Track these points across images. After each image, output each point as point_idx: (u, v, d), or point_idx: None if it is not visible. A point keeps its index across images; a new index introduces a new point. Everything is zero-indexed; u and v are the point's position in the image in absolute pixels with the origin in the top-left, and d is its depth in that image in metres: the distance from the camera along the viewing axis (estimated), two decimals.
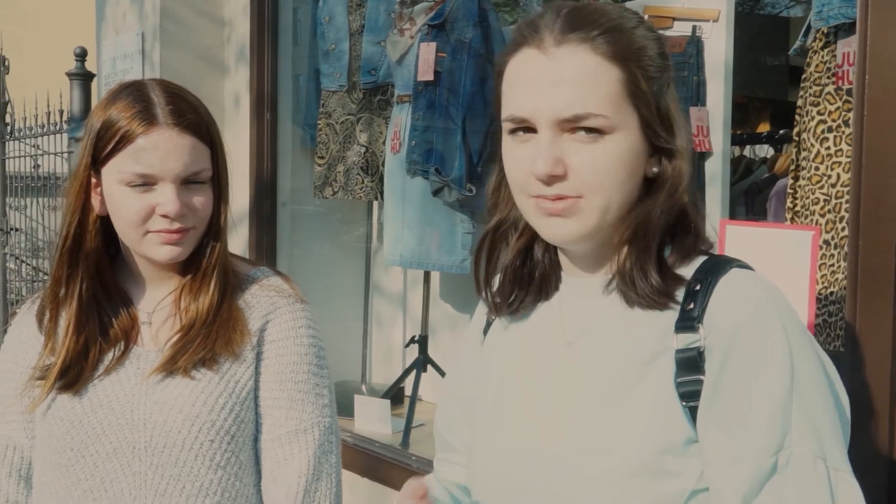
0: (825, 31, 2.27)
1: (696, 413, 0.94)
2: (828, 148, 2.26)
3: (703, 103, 2.68)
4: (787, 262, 1.62)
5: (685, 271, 1.00)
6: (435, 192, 3.00)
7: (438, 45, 2.96)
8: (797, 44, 2.46)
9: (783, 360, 0.91)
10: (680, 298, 0.98)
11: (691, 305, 0.96)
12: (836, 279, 2.19)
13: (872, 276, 1.71)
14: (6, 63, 5.34)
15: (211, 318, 1.35)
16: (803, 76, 2.37)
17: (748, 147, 3.99)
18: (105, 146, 1.30)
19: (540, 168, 0.95)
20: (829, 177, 2.25)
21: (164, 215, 1.29)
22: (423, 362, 3.32)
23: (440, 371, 3.27)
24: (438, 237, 3.08)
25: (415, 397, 3.24)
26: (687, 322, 0.96)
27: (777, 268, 1.52)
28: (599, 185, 0.96)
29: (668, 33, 2.73)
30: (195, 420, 1.29)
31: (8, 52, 5.51)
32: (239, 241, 3.59)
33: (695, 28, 2.69)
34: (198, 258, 1.37)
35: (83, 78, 4.41)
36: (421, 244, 3.11)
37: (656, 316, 0.99)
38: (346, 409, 3.26)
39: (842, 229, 2.19)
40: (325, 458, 1.37)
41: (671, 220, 1.02)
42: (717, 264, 0.99)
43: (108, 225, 1.36)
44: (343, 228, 3.94)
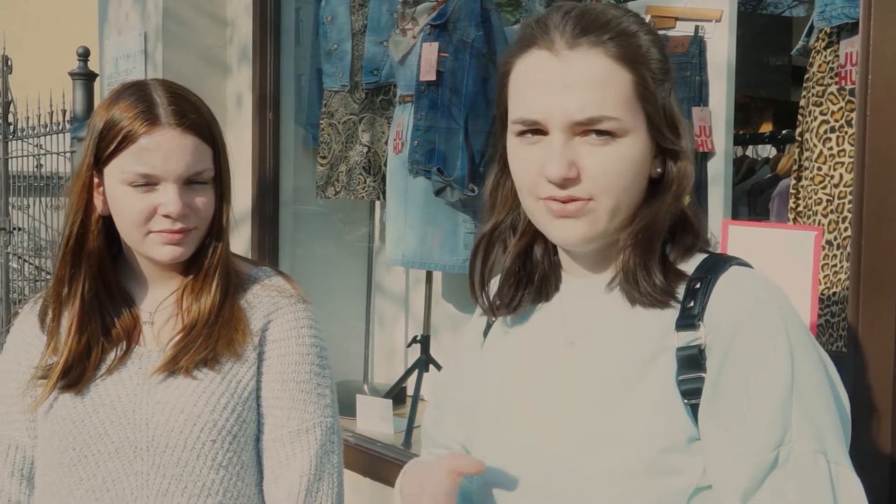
0: (828, 31, 2.27)
1: (697, 411, 0.94)
2: (830, 148, 2.25)
3: (706, 103, 2.68)
4: (789, 263, 1.62)
5: (686, 269, 1.01)
6: (437, 192, 3.00)
7: (441, 45, 2.96)
8: (800, 44, 2.46)
9: (783, 357, 0.92)
10: (681, 296, 0.99)
11: (692, 303, 0.97)
12: (839, 280, 2.19)
13: (875, 277, 1.71)
14: (9, 63, 5.35)
15: (213, 318, 1.35)
16: (806, 76, 2.36)
17: (751, 147, 3.99)
18: (108, 146, 1.30)
19: (554, 172, 0.95)
20: (831, 177, 2.25)
21: (167, 215, 1.29)
22: (425, 362, 3.32)
23: None
24: (440, 237, 3.08)
25: (417, 397, 3.24)
26: (687, 320, 0.96)
27: (780, 268, 1.52)
28: (611, 188, 0.97)
29: (671, 33, 2.73)
30: (197, 420, 1.29)
31: (11, 51, 5.52)
32: (241, 240, 3.59)
33: (697, 28, 2.69)
34: (200, 258, 1.37)
35: (86, 78, 4.42)
36: (423, 244, 3.11)
37: (657, 314, 0.99)
38: (348, 409, 3.25)
39: (844, 230, 2.18)
40: (326, 457, 1.37)
41: (672, 220, 1.02)
42: (718, 262, 1.00)
43: (110, 225, 1.36)
44: (345, 228, 3.94)
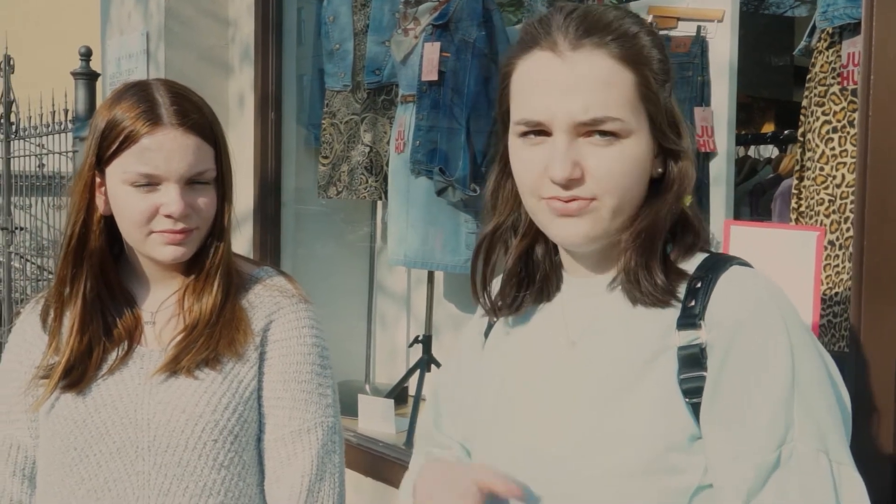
0: (830, 32, 2.26)
1: (698, 409, 0.95)
2: (833, 148, 2.25)
3: (708, 103, 2.68)
4: (791, 263, 1.61)
5: (687, 268, 1.01)
6: (439, 192, 3.00)
7: (443, 44, 2.96)
8: (802, 44, 2.45)
9: (784, 357, 0.92)
10: (682, 296, 0.99)
11: (693, 302, 0.97)
12: (841, 280, 2.19)
13: (877, 277, 1.71)
14: (11, 62, 5.35)
15: (214, 318, 1.35)
16: (808, 76, 2.36)
17: (753, 147, 3.99)
18: (109, 146, 1.30)
19: (558, 172, 0.95)
20: (833, 177, 2.24)
21: (168, 215, 1.29)
22: (426, 362, 3.32)
23: None
24: (442, 237, 3.08)
25: (418, 397, 3.24)
26: (689, 319, 0.97)
27: (782, 268, 1.52)
28: (614, 188, 0.97)
29: (673, 33, 2.72)
30: (198, 420, 1.29)
31: (13, 51, 5.52)
32: (243, 240, 3.59)
33: (699, 28, 2.69)
34: (201, 258, 1.37)
35: (88, 77, 4.42)
36: (425, 244, 3.11)
37: (658, 314, 1.00)
38: (350, 409, 3.25)
39: (847, 230, 2.18)
40: (328, 457, 1.37)
41: (673, 219, 1.03)
42: (718, 262, 1.00)
43: (112, 224, 1.36)
44: (347, 228, 3.94)
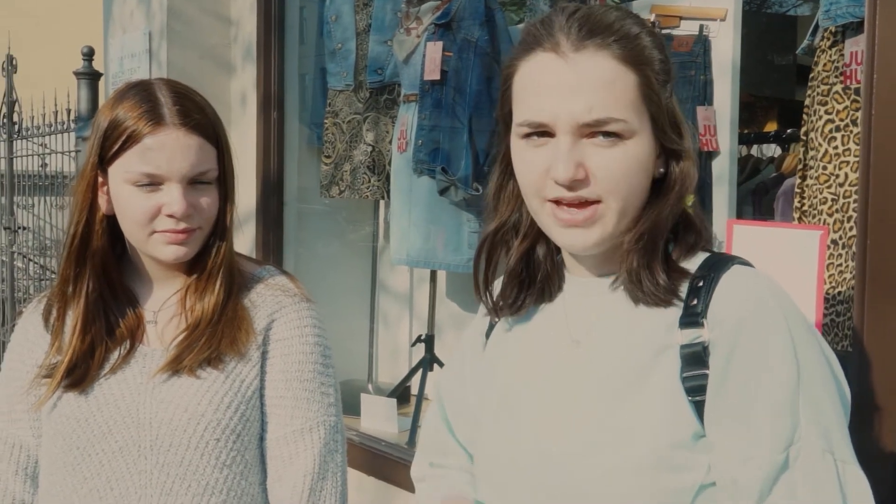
0: (833, 30, 2.26)
1: (701, 407, 0.95)
2: (836, 147, 2.25)
3: (711, 102, 2.68)
4: (794, 262, 1.61)
5: (688, 267, 1.02)
6: (441, 192, 3.00)
7: (445, 44, 2.96)
8: (805, 43, 2.45)
9: (787, 356, 0.92)
10: (684, 294, 0.99)
11: (694, 301, 0.98)
12: (844, 279, 2.19)
13: (880, 276, 1.70)
14: (14, 62, 5.35)
15: (216, 318, 1.35)
16: (811, 75, 2.36)
17: (755, 146, 3.98)
18: (112, 145, 1.30)
19: (562, 173, 0.95)
20: (836, 176, 2.24)
21: (171, 215, 1.29)
22: (429, 361, 3.32)
23: None
24: (444, 236, 3.09)
25: (421, 396, 3.24)
26: (691, 318, 0.97)
27: (785, 268, 1.52)
28: (618, 189, 0.97)
29: (676, 32, 2.72)
30: (200, 419, 1.30)
31: (16, 51, 5.52)
32: (246, 239, 3.59)
33: (702, 27, 2.69)
34: (203, 258, 1.37)
35: (90, 77, 4.42)
36: (427, 243, 3.11)
37: (661, 312, 1.00)
38: (353, 408, 3.26)
39: (850, 229, 2.18)
40: (330, 456, 1.37)
41: (675, 219, 1.03)
42: (719, 261, 1.00)
43: (114, 224, 1.36)
44: (349, 227, 3.95)
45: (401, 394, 3.43)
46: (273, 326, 1.38)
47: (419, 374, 3.32)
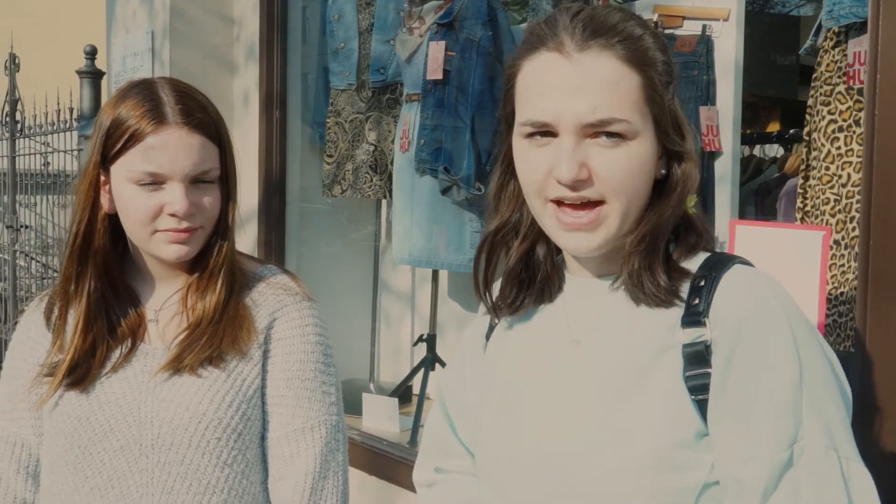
0: (836, 31, 2.26)
1: (704, 407, 0.95)
2: (838, 147, 2.25)
3: (713, 102, 2.67)
4: (797, 263, 1.61)
5: (689, 267, 1.02)
6: (443, 191, 3.00)
7: (447, 43, 2.96)
8: (808, 43, 2.45)
9: (789, 355, 0.92)
10: (685, 294, 0.99)
11: (696, 301, 0.98)
12: (847, 279, 2.18)
13: (883, 277, 1.70)
14: (17, 61, 5.36)
15: (218, 317, 1.35)
16: (814, 75, 2.35)
17: (758, 146, 3.98)
18: (114, 144, 1.30)
19: (565, 173, 0.95)
20: (839, 176, 2.24)
21: (173, 214, 1.29)
22: (431, 361, 3.32)
23: None
24: (447, 236, 3.09)
25: (423, 395, 3.24)
26: (693, 317, 0.97)
27: (787, 268, 1.52)
28: (621, 189, 0.97)
29: (679, 32, 2.72)
30: (202, 418, 1.30)
31: (18, 49, 5.52)
32: (248, 238, 3.59)
33: (705, 27, 2.68)
34: (205, 257, 1.37)
35: (93, 76, 4.42)
36: (429, 243, 3.11)
37: (661, 313, 1.00)
38: (354, 408, 3.26)
39: (852, 229, 2.17)
40: (331, 455, 1.37)
41: (676, 220, 1.03)
42: (720, 261, 1.01)
43: (116, 223, 1.36)
44: (351, 227, 3.95)
45: (402, 393, 3.43)
46: (275, 325, 1.38)
47: (421, 373, 3.32)
